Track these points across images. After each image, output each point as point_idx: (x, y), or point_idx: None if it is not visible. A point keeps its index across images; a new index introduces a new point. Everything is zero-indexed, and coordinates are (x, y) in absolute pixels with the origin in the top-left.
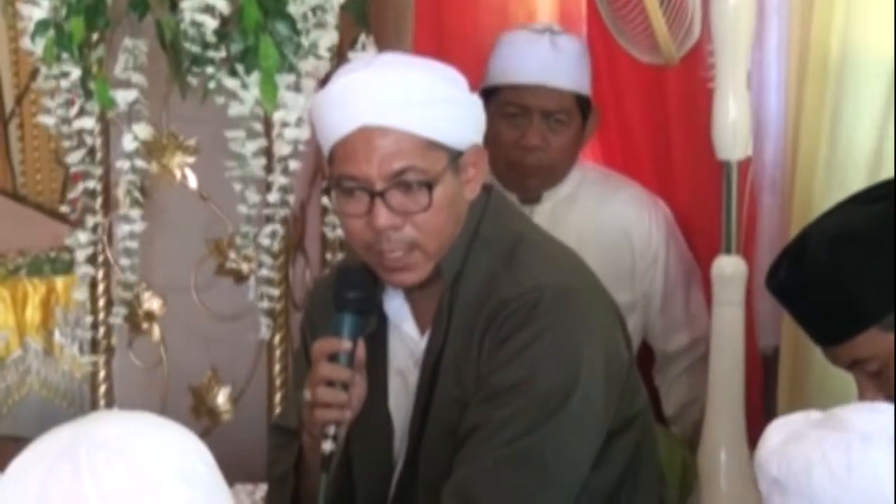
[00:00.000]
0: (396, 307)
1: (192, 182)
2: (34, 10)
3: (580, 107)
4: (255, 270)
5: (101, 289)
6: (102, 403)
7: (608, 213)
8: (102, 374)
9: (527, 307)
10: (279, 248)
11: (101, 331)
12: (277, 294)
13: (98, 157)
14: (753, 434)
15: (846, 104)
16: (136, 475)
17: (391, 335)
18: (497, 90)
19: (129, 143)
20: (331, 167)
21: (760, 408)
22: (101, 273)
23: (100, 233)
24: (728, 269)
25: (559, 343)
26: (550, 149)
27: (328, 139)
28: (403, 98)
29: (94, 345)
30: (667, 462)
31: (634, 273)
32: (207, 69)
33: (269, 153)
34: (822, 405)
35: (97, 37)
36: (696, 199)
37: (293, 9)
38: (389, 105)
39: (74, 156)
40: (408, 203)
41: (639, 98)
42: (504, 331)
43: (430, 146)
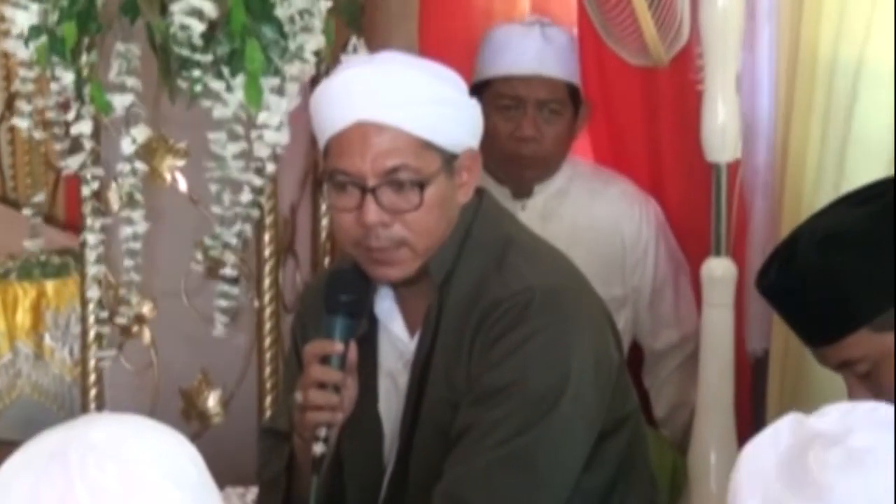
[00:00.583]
0: (386, 309)
1: (183, 185)
2: (21, 14)
3: (572, 98)
4: (246, 274)
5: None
6: (93, 406)
7: (599, 207)
8: (93, 378)
9: (517, 308)
10: (266, 252)
11: (92, 333)
12: (236, 292)
13: (90, 161)
14: (743, 436)
15: (835, 107)
16: (127, 478)
17: (381, 337)
18: (489, 83)
19: (128, 147)
20: (325, 160)
21: (750, 410)
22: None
23: (103, 234)
24: (718, 271)
25: (550, 344)
26: (545, 139)
27: (324, 132)
28: (402, 96)
29: (85, 348)
30: (657, 464)
31: (625, 266)
32: (194, 72)
33: (251, 156)
34: (811, 408)
35: (89, 41)
36: (686, 201)
37: (280, 12)
38: (387, 102)
39: (73, 160)
40: (398, 201)
41: (628, 100)
42: (495, 332)
43: (425, 146)
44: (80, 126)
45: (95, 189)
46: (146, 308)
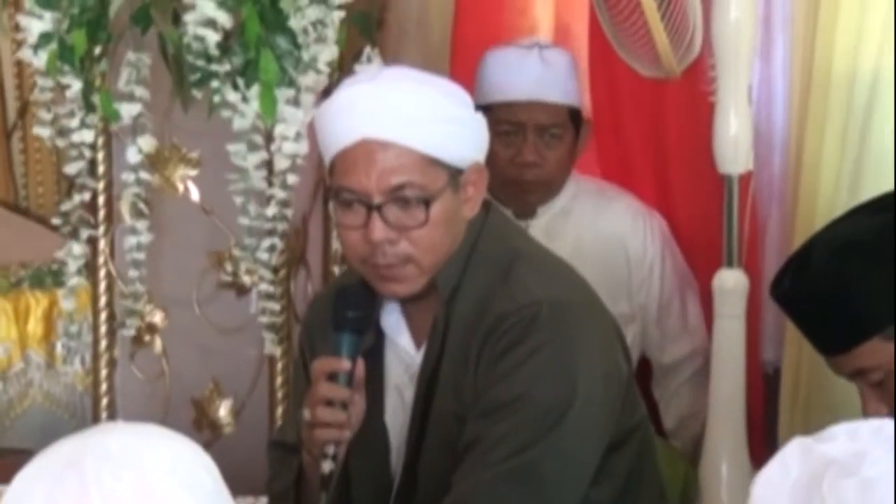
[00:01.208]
0: (393, 322)
1: (195, 195)
2: (35, 23)
3: (573, 119)
4: (257, 284)
5: (104, 301)
6: (104, 416)
7: (603, 224)
8: (104, 387)
9: (524, 322)
10: (278, 262)
11: (104, 343)
12: (278, 308)
13: (101, 170)
14: (755, 448)
15: (850, 119)
16: (143, 487)
17: (387, 350)
18: (489, 108)
19: (134, 156)
20: (331, 178)
21: (763, 422)
22: (104, 285)
23: (103, 244)
24: (729, 283)
25: (557, 358)
26: (546, 164)
27: (329, 149)
28: (406, 113)
29: (96, 357)
30: (668, 475)
31: (631, 283)
32: (212, 83)
33: (270, 166)
34: (824, 419)
35: (100, 50)
36: (697, 213)
37: (294, 23)
38: (392, 119)
39: (72, 167)
40: (404, 218)
41: (639, 112)
42: (502, 345)
43: (431, 163)
44: (83, 134)
45: (87, 199)
46: (158, 317)
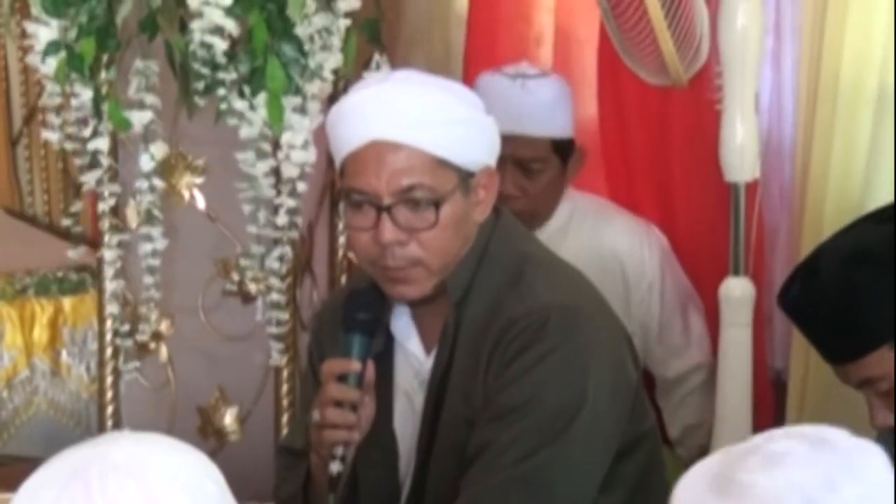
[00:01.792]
0: (403, 326)
1: (201, 202)
2: (43, 30)
3: (558, 149)
4: (263, 292)
5: (110, 309)
6: (109, 424)
7: (600, 244)
8: (110, 395)
9: (534, 326)
10: (286, 270)
11: (109, 351)
12: (286, 318)
13: (108, 177)
14: None
15: (857, 129)
16: (148, 496)
17: (397, 354)
18: None
19: (147, 163)
20: (342, 180)
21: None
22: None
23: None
24: (736, 291)
25: (566, 363)
26: (528, 195)
27: (340, 152)
28: (417, 115)
29: (101, 364)
30: (673, 484)
31: (630, 303)
32: (219, 91)
33: (278, 174)
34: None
35: (108, 58)
36: (702, 221)
37: (300, 31)
38: (402, 121)
39: (90, 175)
40: (414, 220)
41: (645, 120)
42: (511, 350)
43: (441, 165)
44: (98, 142)
45: (112, 205)
46: (163, 325)
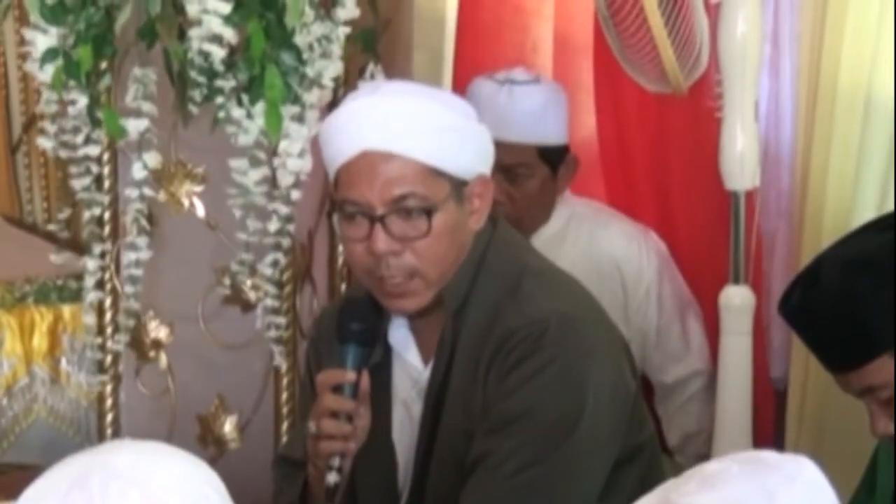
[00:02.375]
0: (400, 337)
1: (200, 210)
2: (41, 37)
3: (546, 156)
4: (262, 299)
5: (109, 316)
6: (109, 432)
7: (598, 249)
8: (109, 402)
9: (533, 337)
10: (283, 278)
11: (109, 358)
12: (284, 323)
13: (106, 185)
14: None
15: (855, 135)
16: None
17: (395, 365)
18: None
19: (139, 172)
20: (335, 191)
21: (772, 440)
22: (110, 300)
23: (108, 259)
24: (736, 300)
25: (565, 373)
26: (514, 201)
27: (333, 163)
28: (408, 125)
29: (102, 372)
30: None
31: (628, 308)
32: (217, 99)
33: (273, 181)
34: (832, 437)
35: (105, 65)
36: (701, 229)
37: (299, 39)
38: (394, 131)
39: (79, 183)
40: (407, 229)
41: (645, 127)
42: (510, 360)
43: (433, 174)
44: (89, 149)
45: (98, 214)
46: (163, 333)
